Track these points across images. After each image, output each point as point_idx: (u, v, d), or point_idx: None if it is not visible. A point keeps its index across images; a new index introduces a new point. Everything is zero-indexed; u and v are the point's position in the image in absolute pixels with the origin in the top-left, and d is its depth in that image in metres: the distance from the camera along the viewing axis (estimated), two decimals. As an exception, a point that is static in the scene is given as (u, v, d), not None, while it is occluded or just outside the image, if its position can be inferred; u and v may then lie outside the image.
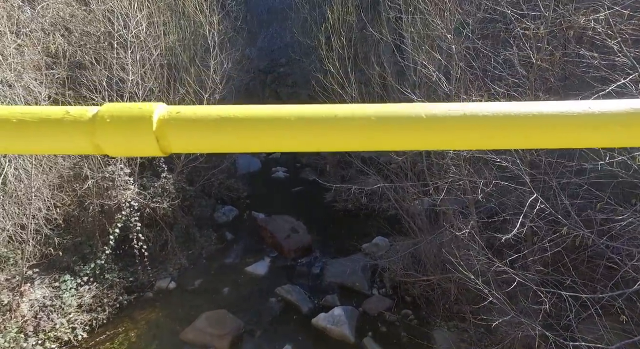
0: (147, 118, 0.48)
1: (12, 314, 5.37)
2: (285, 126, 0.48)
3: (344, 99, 7.51)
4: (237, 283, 7.31)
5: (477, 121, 0.47)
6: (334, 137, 0.48)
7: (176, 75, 7.80)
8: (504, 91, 4.09)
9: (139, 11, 6.68)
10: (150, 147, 0.48)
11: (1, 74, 5.06)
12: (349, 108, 0.48)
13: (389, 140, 0.48)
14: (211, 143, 0.49)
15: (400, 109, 0.48)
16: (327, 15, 8.39)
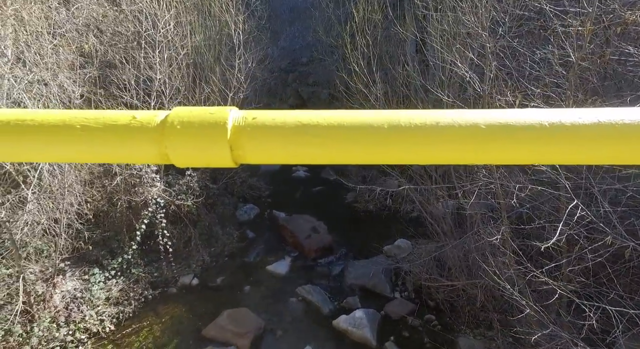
0: (221, 125, 0.43)
1: (46, 305, 5.57)
2: (378, 135, 0.41)
3: (368, 98, 7.41)
4: (258, 282, 7.34)
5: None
6: (438, 149, 0.41)
7: (202, 74, 7.90)
8: (540, 91, 3.91)
9: (167, 11, 6.79)
10: (223, 157, 0.43)
11: (38, 73, 5.24)
12: (453, 115, 0.42)
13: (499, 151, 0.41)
14: (291, 153, 0.43)
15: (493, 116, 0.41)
16: (352, 14, 8.30)
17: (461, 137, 0.40)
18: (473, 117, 0.41)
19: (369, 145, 0.42)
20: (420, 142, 0.41)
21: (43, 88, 5.26)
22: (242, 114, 0.45)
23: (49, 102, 5.32)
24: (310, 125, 0.43)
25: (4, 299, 5.17)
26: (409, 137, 0.41)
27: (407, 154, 0.42)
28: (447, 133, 0.41)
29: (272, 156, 0.44)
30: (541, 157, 0.41)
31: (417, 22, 7.19)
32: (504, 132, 0.40)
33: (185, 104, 7.40)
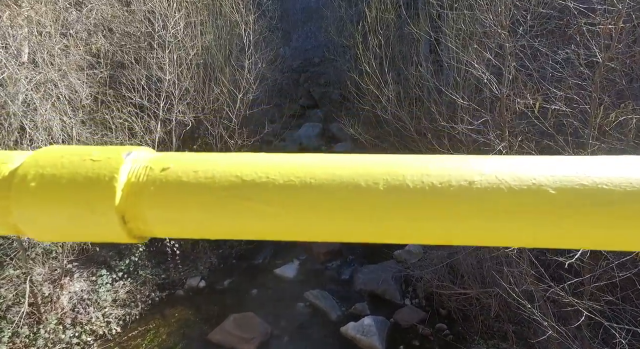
0: (105, 182, 0.27)
1: (53, 306, 5.57)
2: (370, 203, 0.26)
3: (379, 99, 7.23)
4: (266, 285, 7.24)
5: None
6: (471, 225, 0.26)
7: (211, 75, 7.84)
8: (562, 93, 3.68)
9: (177, 11, 6.75)
10: (110, 232, 0.28)
11: (48, 73, 5.23)
12: (490, 164, 0.26)
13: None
14: (224, 227, 0.28)
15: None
16: (364, 13, 8.13)
17: (509, 207, 0.25)
18: (534, 172, 0.26)
19: (352, 216, 0.26)
20: (437, 211, 0.26)
21: (53, 89, 5.24)
22: (146, 161, 0.29)
23: (58, 102, 5.31)
24: (255, 183, 0.27)
25: (11, 300, 5.17)
26: (418, 204, 0.26)
27: (418, 230, 0.26)
28: (486, 200, 0.25)
29: (194, 230, 0.29)
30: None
31: (431, 22, 6.98)
32: (593, 200, 0.25)
33: (195, 106, 7.34)
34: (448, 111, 5.60)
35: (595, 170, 0.25)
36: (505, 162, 0.27)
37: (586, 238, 0.26)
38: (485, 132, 4.11)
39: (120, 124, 6.19)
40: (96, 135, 5.84)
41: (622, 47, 3.59)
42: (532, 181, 0.25)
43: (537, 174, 0.26)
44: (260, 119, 8.77)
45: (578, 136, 3.96)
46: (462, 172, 0.26)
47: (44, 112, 4.89)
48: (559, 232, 0.25)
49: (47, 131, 4.84)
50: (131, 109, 6.39)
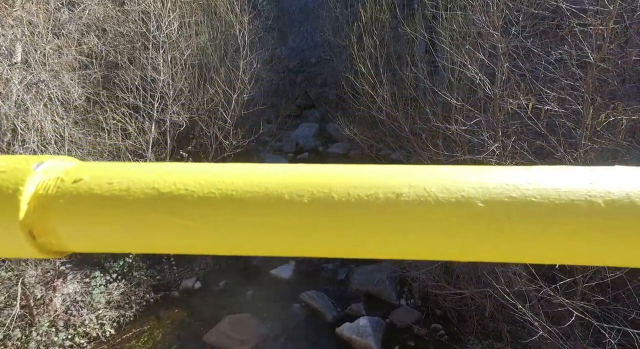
0: (9, 194, 0.26)
1: (45, 308, 5.53)
2: (294, 216, 0.25)
3: (375, 100, 7.23)
4: (261, 286, 7.23)
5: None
6: (396, 242, 0.25)
7: (206, 75, 7.81)
8: (555, 94, 3.69)
9: (172, 12, 6.72)
10: (17, 247, 0.26)
11: (39, 74, 5.19)
12: (423, 175, 0.25)
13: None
14: (141, 242, 0.26)
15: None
16: (359, 14, 8.13)
17: (437, 221, 0.24)
18: (463, 184, 0.25)
19: (274, 230, 0.25)
20: (362, 225, 0.25)
21: (45, 89, 5.21)
22: (60, 172, 0.27)
23: (50, 102, 5.27)
24: (172, 196, 0.25)
25: (3, 303, 5.13)
26: (343, 217, 0.24)
27: (341, 245, 0.25)
28: (413, 213, 0.24)
29: (110, 244, 0.27)
30: (590, 256, 0.24)
31: (426, 22, 6.98)
32: (521, 214, 0.24)
33: (189, 106, 7.32)
34: (443, 112, 5.61)
35: (525, 182, 0.25)
36: (434, 173, 0.26)
37: (515, 252, 0.25)
38: (478, 133, 4.11)
39: (114, 125, 6.16)
40: (89, 136, 5.80)
41: (614, 48, 3.61)
42: (460, 194, 0.24)
43: (466, 186, 0.25)
44: (256, 119, 8.75)
45: (571, 136, 3.97)
46: (391, 184, 0.25)
47: (35, 113, 4.86)
48: (488, 246, 0.25)
49: (38, 132, 4.81)
50: (125, 109, 6.36)
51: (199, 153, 7.70)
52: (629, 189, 0.23)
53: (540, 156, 4.05)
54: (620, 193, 0.23)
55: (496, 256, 0.25)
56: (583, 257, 0.25)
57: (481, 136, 4.03)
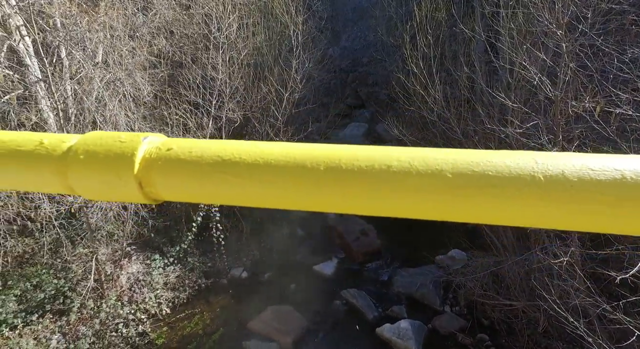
0: (128, 156, 0.38)
1: (113, 284, 6.15)
2: (311, 178, 0.35)
3: (426, 101, 7.08)
4: (304, 281, 7.40)
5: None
6: (387, 199, 0.34)
7: (260, 74, 8.15)
8: (628, 96, 3.39)
9: (232, 14, 7.10)
10: (132, 194, 0.38)
11: (116, 73, 5.78)
12: (412, 157, 0.34)
13: (471, 209, 0.32)
14: (208, 193, 0.38)
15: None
16: (414, 13, 7.99)
17: (418, 186, 0.33)
18: (438, 160, 0.33)
19: (299, 189, 0.35)
20: (363, 189, 0.34)
21: (120, 87, 5.78)
22: (157, 143, 0.39)
23: (124, 99, 5.84)
24: (231, 161, 0.37)
25: (80, 276, 5.80)
26: (349, 182, 0.34)
27: (348, 203, 0.35)
28: (400, 180, 0.33)
29: (189, 194, 0.39)
30: (527, 219, 0.32)
31: (485, 21, 6.69)
32: (476, 183, 0.32)
33: (244, 104, 7.68)
34: (498, 114, 5.36)
35: (485, 160, 0.32)
36: (418, 152, 0.34)
37: (473, 213, 0.32)
38: (536, 136, 3.89)
39: (177, 120, 6.66)
40: (155, 130, 6.34)
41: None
42: (435, 167, 0.33)
43: (440, 162, 0.33)
44: (306, 118, 8.96)
45: (645, 143, 3.63)
46: (384, 159, 0.34)
47: (112, 108, 5.42)
48: (453, 208, 0.32)
49: (113, 125, 5.37)
50: (186, 106, 6.85)
51: (251, 149, 8.04)
52: (566, 168, 0.30)
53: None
54: (556, 171, 0.30)
55: (459, 217, 0.33)
56: (526, 219, 0.31)
57: (539, 140, 3.81)
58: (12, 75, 5.12)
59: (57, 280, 5.77)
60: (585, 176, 0.30)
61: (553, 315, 4.87)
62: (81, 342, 5.31)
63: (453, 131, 6.47)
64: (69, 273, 5.85)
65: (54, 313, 5.57)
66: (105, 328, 5.63)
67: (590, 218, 0.30)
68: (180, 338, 6.12)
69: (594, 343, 3.01)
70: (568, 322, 3.34)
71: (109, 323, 5.67)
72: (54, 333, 5.31)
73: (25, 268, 5.85)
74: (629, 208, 0.28)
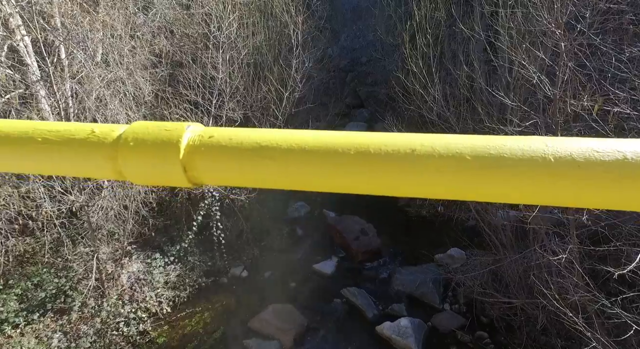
0: (174, 143, 0.41)
1: (114, 283, 6.16)
2: (343, 162, 0.38)
3: (426, 100, 7.12)
4: (304, 279, 7.43)
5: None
6: (412, 180, 0.37)
7: (260, 74, 8.16)
8: (626, 95, 3.43)
9: (232, 13, 7.11)
10: (177, 177, 0.42)
11: (117, 72, 5.79)
12: (434, 142, 0.37)
13: (496, 189, 0.35)
14: (248, 176, 0.41)
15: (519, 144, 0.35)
16: (413, 12, 8.02)
17: (440, 168, 0.36)
18: (458, 144, 0.36)
19: (332, 172, 0.38)
20: (390, 170, 0.37)
21: (120, 86, 5.79)
22: (199, 132, 0.43)
23: (125, 98, 5.85)
24: (269, 147, 0.40)
25: (81, 274, 5.81)
26: (377, 165, 0.37)
27: (375, 185, 0.38)
28: (424, 163, 0.36)
29: (229, 178, 0.42)
30: (539, 197, 0.35)
31: (484, 20, 6.73)
32: (493, 165, 0.35)
33: (244, 103, 7.70)
34: (497, 113, 5.39)
35: (501, 144, 0.35)
36: (440, 138, 0.37)
37: (490, 192, 0.35)
38: (535, 135, 3.91)
39: (177, 120, 6.68)
40: (156, 129, 6.35)
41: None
42: (455, 150, 0.36)
43: (460, 146, 0.36)
44: (306, 117, 8.97)
45: (643, 141, 3.66)
46: (408, 144, 0.37)
47: (112, 108, 5.43)
48: (472, 187, 0.35)
49: (115, 125, 5.37)
50: (187, 105, 6.86)
51: (251, 148, 8.06)
52: (574, 151, 0.33)
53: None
54: (565, 153, 0.33)
55: (477, 196, 0.36)
56: (538, 197, 0.35)
57: (538, 139, 3.83)
58: (12, 75, 5.13)
59: (58, 279, 5.78)
60: (591, 157, 0.33)
61: (551, 312, 4.91)
62: (82, 341, 5.33)
63: (452, 129, 6.51)
64: (69, 271, 5.86)
65: (55, 312, 5.58)
66: (106, 327, 5.65)
67: (596, 194, 0.33)
68: (181, 337, 6.14)
69: (592, 337, 3.04)
70: (567, 317, 3.38)
71: (110, 322, 5.69)
72: (55, 332, 5.33)
73: (26, 267, 5.86)
74: (631, 184, 0.31)
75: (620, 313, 2.81)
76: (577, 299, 3.41)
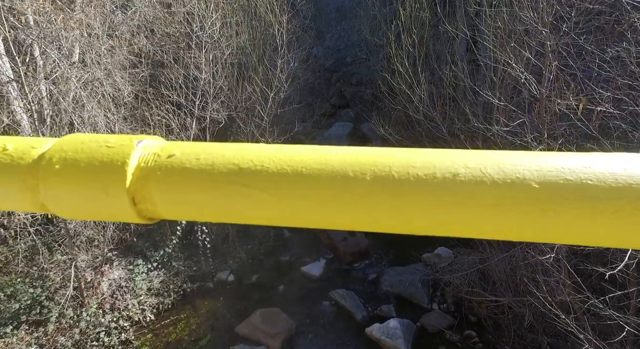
0: (117, 166, 0.30)
1: (94, 291, 5.93)
2: (356, 191, 0.27)
3: (412, 100, 7.11)
4: (292, 282, 7.33)
5: None
6: (454, 218, 0.26)
7: (245, 74, 8.02)
8: (610, 94, 3.46)
9: (215, 12, 6.96)
10: (122, 211, 0.30)
11: (95, 72, 5.57)
12: (481, 158, 0.27)
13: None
14: (224, 211, 0.30)
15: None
16: (398, 12, 8.02)
17: (495, 199, 0.26)
18: (518, 166, 0.26)
19: (341, 205, 0.28)
20: (422, 203, 0.27)
21: (99, 87, 5.57)
22: (156, 148, 0.31)
23: (104, 99, 5.63)
24: (252, 170, 0.29)
25: (59, 283, 5.56)
26: (404, 195, 0.26)
27: (401, 220, 0.27)
28: (471, 192, 0.26)
29: (196, 212, 0.31)
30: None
31: (468, 20, 6.77)
32: (570, 195, 0.25)
33: (228, 104, 7.55)
34: (483, 112, 5.42)
35: (581, 166, 0.25)
36: (490, 156, 0.27)
37: (570, 233, 0.25)
38: (521, 134, 3.94)
39: (159, 121, 6.48)
40: (136, 131, 6.14)
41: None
42: (516, 175, 0.25)
43: (521, 169, 0.26)
44: (291, 118, 8.87)
45: (627, 140, 3.71)
46: (447, 165, 0.27)
47: (90, 109, 5.21)
48: (542, 227, 0.25)
49: (92, 127, 5.17)
50: (169, 106, 6.67)
51: (236, 150, 7.91)
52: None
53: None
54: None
55: (552, 237, 0.26)
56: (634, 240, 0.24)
57: (524, 138, 3.86)
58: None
59: (33, 289, 5.52)
60: None
61: (538, 310, 4.95)
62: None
63: (439, 129, 6.52)
64: (46, 281, 5.60)
65: (30, 324, 5.32)
66: (85, 338, 5.42)
67: None
68: (166, 345, 5.95)
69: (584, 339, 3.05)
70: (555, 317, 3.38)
71: (90, 332, 5.46)
72: (30, 345, 5.08)
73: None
74: None
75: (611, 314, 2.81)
76: (564, 298, 3.43)
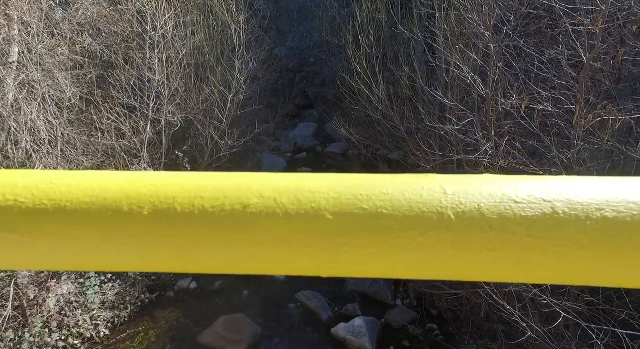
0: None
1: (39, 309, 5.51)
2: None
3: (371, 100, 7.21)
4: (257, 286, 7.21)
5: None
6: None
7: (202, 75, 7.79)
8: (548, 94, 3.67)
9: (167, 11, 6.70)
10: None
11: (32, 73, 5.18)
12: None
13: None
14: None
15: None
16: (356, 14, 8.11)
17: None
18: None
19: (109, 247, 0.22)
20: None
21: (38, 89, 5.19)
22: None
23: (44, 102, 5.26)
24: (2, 209, 0.22)
25: (-4, 304, 5.12)
26: (177, 235, 0.22)
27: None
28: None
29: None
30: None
31: (422, 22, 6.96)
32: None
33: (185, 106, 7.30)
34: (438, 112, 5.59)
35: (378, 192, 0.22)
36: (289, 182, 0.23)
37: (366, 268, 0.23)
38: (472, 133, 4.10)
39: (109, 125, 6.14)
40: (84, 136, 5.79)
41: (608, 48, 3.58)
42: (311, 205, 0.22)
43: (318, 197, 0.22)
44: (253, 119, 8.73)
45: (564, 137, 3.95)
46: (239, 194, 0.23)
47: (28, 113, 4.84)
48: (339, 261, 0.23)
49: (31, 132, 4.80)
50: (120, 109, 6.34)
51: (194, 153, 7.67)
52: (483, 199, 0.20)
53: (534, 156, 4.03)
54: (472, 205, 0.20)
55: (348, 271, 0.23)
56: (434, 272, 0.22)
57: (474, 136, 4.01)
58: None
59: (-33, 311, 5.05)
60: None
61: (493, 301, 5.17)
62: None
63: (397, 129, 6.65)
64: (-20, 302, 5.14)
65: (-36, 350, 4.87)
66: (31, 359, 5.03)
67: None
68: (123, 360, 5.66)
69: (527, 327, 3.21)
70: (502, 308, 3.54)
71: (36, 353, 5.08)
72: (-36, 374, 4.64)
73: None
74: None
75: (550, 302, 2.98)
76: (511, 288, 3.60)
